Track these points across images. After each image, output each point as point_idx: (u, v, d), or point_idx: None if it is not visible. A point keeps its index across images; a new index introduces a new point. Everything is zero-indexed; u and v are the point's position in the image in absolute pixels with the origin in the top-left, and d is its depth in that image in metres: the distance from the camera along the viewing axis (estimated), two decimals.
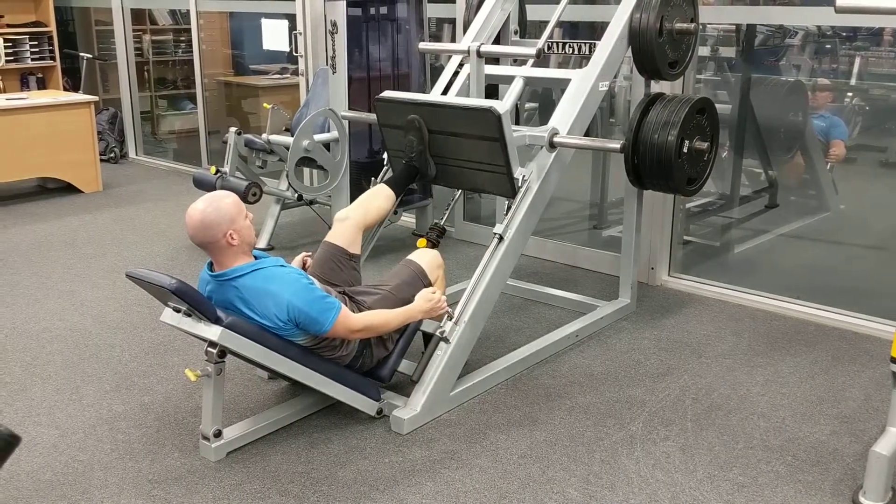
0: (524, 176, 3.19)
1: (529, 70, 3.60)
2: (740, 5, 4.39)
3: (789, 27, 4.41)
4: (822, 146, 4.48)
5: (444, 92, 3.75)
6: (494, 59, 4.05)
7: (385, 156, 3.58)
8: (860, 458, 2.66)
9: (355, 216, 3.15)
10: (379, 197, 3.26)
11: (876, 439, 2.47)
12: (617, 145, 3.26)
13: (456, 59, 3.85)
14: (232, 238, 2.62)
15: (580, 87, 3.39)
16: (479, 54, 3.40)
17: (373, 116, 3.56)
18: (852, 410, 3.02)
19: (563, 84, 3.48)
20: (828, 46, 4.41)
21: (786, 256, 4.53)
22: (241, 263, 2.67)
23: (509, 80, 3.63)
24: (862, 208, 4.51)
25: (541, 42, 3.35)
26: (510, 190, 3.19)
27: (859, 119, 4.48)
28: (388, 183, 3.32)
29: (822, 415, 2.99)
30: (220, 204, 2.61)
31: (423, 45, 3.85)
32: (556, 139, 3.25)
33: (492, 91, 4.02)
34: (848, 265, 4.33)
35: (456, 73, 3.81)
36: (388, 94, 3.43)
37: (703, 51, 4.42)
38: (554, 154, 3.26)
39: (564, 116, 3.34)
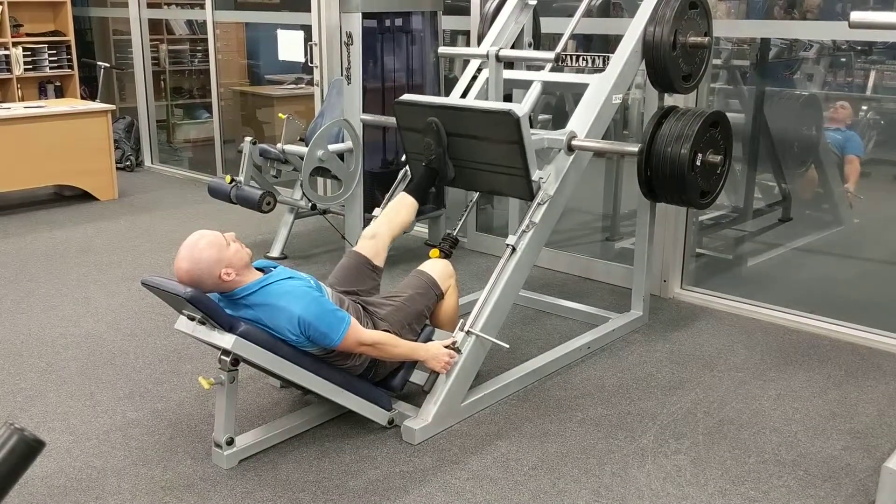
0: (542, 179, 3.20)
1: (548, 75, 3.62)
2: (754, 19, 4.40)
3: (804, 41, 4.41)
4: (838, 159, 4.47)
5: (463, 96, 3.78)
6: (510, 66, 4.09)
7: (403, 158, 3.61)
8: (873, 474, 2.65)
9: (382, 233, 3.19)
10: (402, 209, 3.29)
11: (889, 455, 2.46)
12: (634, 148, 3.27)
13: (474, 65, 3.88)
14: (227, 274, 2.62)
15: (598, 91, 3.40)
16: (497, 58, 3.43)
17: (390, 119, 3.59)
18: (865, 426, 3.00)
19: (580, 88, 3.50)
20: (843, 60, 4.41)
21: (799, 270, 4.51)
22: (248, 283, 2.68)
23: (527, 84, 3.64)
24: (876, 222, 4.49)
25: (559, 47, 3.38)
26: (528, 193, 3.21)
27: (874, 133, 4.47)
28: (408, 191, 3.34)
29: (835, 430, 2.97)
30: (198, 256, 2.60)
31: (442, 50, 3.88)
32: (574, 142, 3.26)
33: (506, 99, 4.04)
34: (862, 279, 4.32)
35: (474, 78, 3.83)
36: (407, 97, 3.47)
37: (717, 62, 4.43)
38: (572, 157, 3.28)
39: (582, 120, 3.36)
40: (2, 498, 1.41)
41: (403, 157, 3.61)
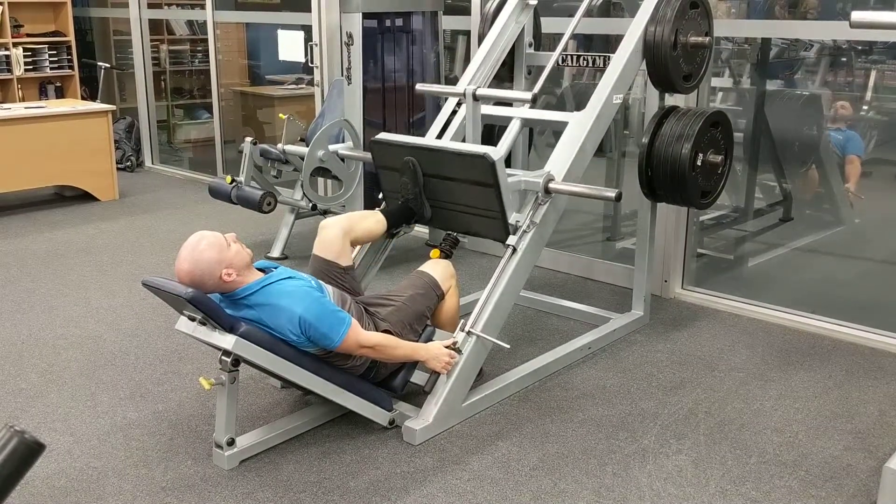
0: (518, 221, 3.13)
1: (527, 112, 3.51)
2: (755, 19, 4.39)
3: (804, 41, 4.40)
4: (839, 159, 4.47)
5: (442, 131, 3.68)
6: (509, 71, 4.05)
7: (381, 196, 3.52)
8: (874, 474, 2.65)
9: (338, 224, 3.08)
10: (368, 218, 3.21)
11: (890, 455, 2.45)
12: (612, 194, 3.13)
13: (454, 99, 3.72)
14: (227, 275, 2.62)
15: (577, 131, 3.32)
16: (475, 97, 3.35)
17: (367, 156, 3.50)
18: (866, 426, 3.00)
19: (560, 126, 3.41)
20: (843, 60, 4.41)
21: (800, 270, 4.51)
22: (248, 283, 2.68)
23: (506, 121, 3.55)
24: (877, 222, 4.49)
25: (536, 88, 3.31)
26: (504, 235, 3.13)
27: (875, 133, 4.47)
28: (383, 211, 3.29)
29: (836, 430, 2.97)
30: (199, 257, 2.59)
31: (420, 87, 3.72)
32: (551, 185, 3.17)
33: (499, 131, 3.95)
34: (863, 279, 4.31)
35: (455, 112, 3.71)
36: (383, 136, 3.37)
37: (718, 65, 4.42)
38: (549, 200, 3.20)
39: (561, 161, 3.26)
40: (2, 501, 1.40)
41: (381, 195, 3.51)
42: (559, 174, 3.22)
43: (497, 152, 3.02)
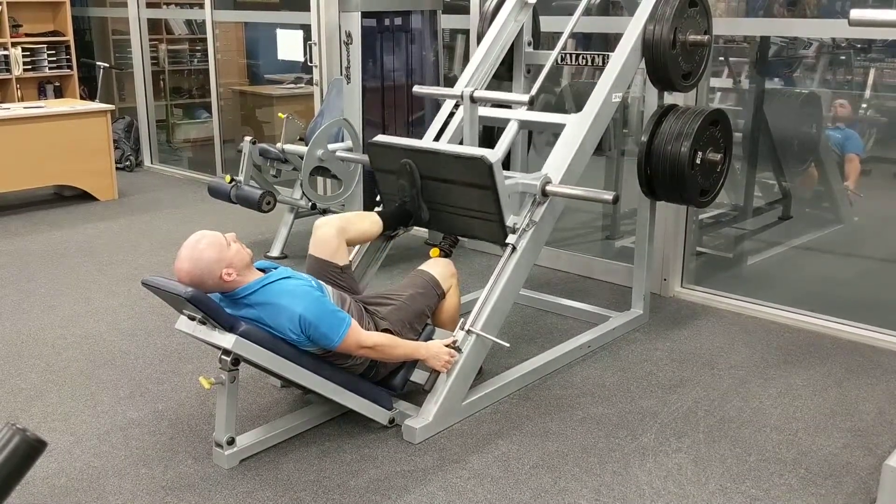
0: (516, 224, 3.13)
1: (524, 114, 3.50)
2: (754, 17, 4.39)
3: (804, 39, 4.40)
4: (838, 158, 4.47)
5: (440, 133, 3.66)
6: (508, 72, 4.05)
7: (378, 198, 3.51)
8: (874, 472, 2.65)
9: (331, 223, 3.07)
10: (364, 220, 3.20)
11: (890, 453, 2.46)
12: (609, 197, 3.10)
13: (451, 101, 3.72)
14: (227, 274, 2.62)
15: (575, 132, 3.30)
16: (472, 99, 3.33)
17: (366, 159, 3.49)
18: (866, 424, 3.00)
19: (557, 128, 3.40)
20: (842, 58, 4.41)
21: (799, 268, 4.52)
22: (248, 282, 2.68)
23: (505, 122, 3.53)
24: (876, 220, 4.49)
25: (534, 90, 3.29)
26: (502, 237, 3.12)
27: (874, 131, 4.47)
28: (379, 213, 3.27)
29: (836, 428, 2.97)
30: (199, 256, 2.59)
31: (416, 89, 3.68)
32: (548, 188, 3.15)
33: (497, 132, 3.92)
34: (862, 278, 4.31)
35: (453, 113, 3.70)
36: (380, 138, 3.36)
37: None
38: (546, 202, 3.19)
39: (558, 163, 3.24)
40: (4, 498, 1.41)
41: (378, 198, 3.49)
42: (556, 176, 3.20)
43: (494, 154, 3.01)
